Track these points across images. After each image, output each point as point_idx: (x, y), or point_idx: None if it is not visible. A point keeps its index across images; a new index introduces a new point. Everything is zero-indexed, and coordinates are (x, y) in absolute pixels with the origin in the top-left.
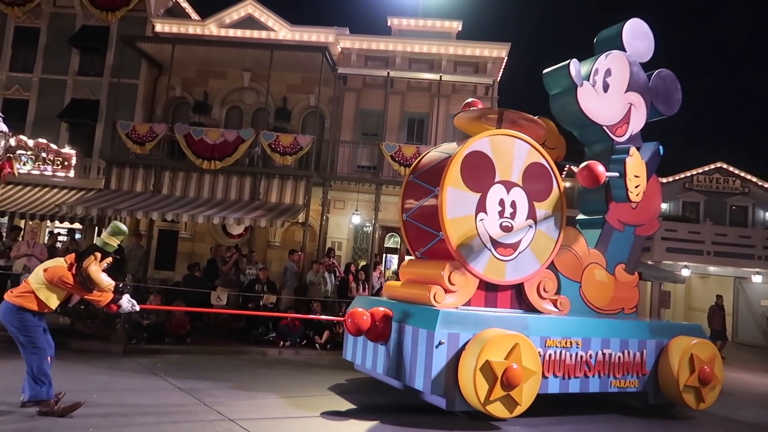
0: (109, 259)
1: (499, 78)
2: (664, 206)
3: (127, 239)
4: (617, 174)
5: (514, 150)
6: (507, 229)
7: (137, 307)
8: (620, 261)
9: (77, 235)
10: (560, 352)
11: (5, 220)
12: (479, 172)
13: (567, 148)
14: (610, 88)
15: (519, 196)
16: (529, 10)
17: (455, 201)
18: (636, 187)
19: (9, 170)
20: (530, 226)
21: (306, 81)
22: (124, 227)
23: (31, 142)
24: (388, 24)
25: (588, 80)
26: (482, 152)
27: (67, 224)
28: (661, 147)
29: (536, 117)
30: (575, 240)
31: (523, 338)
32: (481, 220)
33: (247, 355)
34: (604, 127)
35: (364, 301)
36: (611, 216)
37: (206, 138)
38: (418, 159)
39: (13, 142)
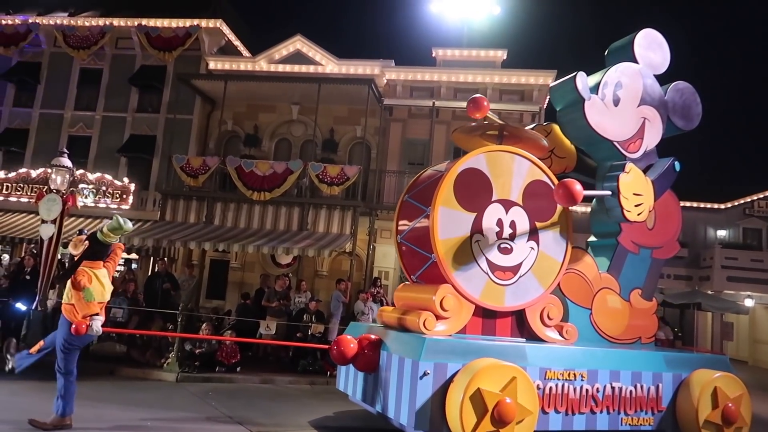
0: (85, 242)
1: (545, 105)
2: (723, 233)
3: (180, 269)
4: (609, 192)
5: (513, 167)
6: (506, 251)
7: (100, 332)
8: (636, 286)
9: (134, 265)
10: (563, 385)
11: (67, 250)
12: (474, 191)
13: (580, 160)
14: (621, 102)
15: (519, 215)
16: (574, 36)
17: (448, 221)
18: (637, 206)
19: (72, 203)
20: (532, 248)
21: (352, 113)
22: (125, 223)
23: (92, 176)
24: (433, 55)
25: (597, 94)
26: (478, 169)
27: (124, 254)
28: (676, 163)
29: (545, 123)
30: (584, 263)
31: (522, 373)
32: (477, 241)
33: (296, 384)
34: (615, 143)
35: (360, 328)
36: (625, 238)
37: (256, 170)
38: (415, 178)
39: (76, 176)
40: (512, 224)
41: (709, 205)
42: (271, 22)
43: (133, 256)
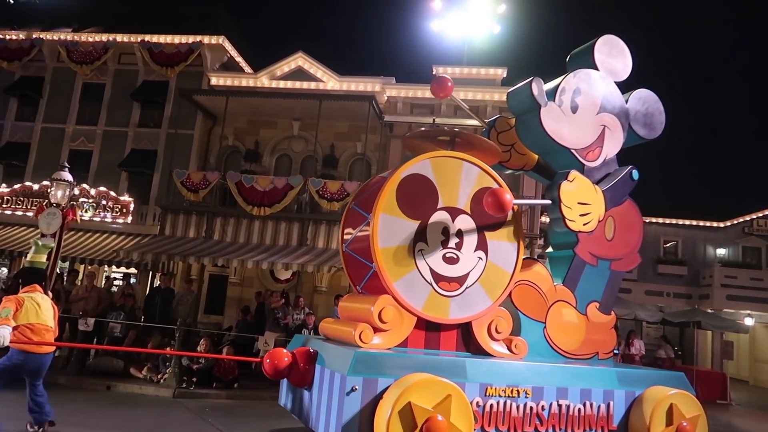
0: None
1: None
2: (722, 252)
3: (179, 285)
4: (548, 201)
5: (461, 173)
6: (452, 261)
7: (5, 341)
8: (593, 299)
9: (132, 280)
10: (505, 403)
11: (66, 264)
12: (418, 198)
13: (540, 161)
14: (579, 109)
15: (466, 224)
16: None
17: (389, 229)
18: (583, 215)
19: (72, 217)
20: (480, 258)
21: (353, 129)
22: (43, 244)
23: (92, 191)
24: (434, 72)
25: (554, 100)
26: (422, 175)
27: (123, 269)
28: (634, 171)
29: (510, 117)
30: (537, 274)
31: (458, 390)
32: (421, 250)
33: None
34: (572, 151)
35: (302, 341)
36: (582, 249)
37: (257, 185)
38: (364, 184)
39: (76, 190)
40: (459, 233)
41: (708, 224)
42: (273, 38)
43: (132, 270)
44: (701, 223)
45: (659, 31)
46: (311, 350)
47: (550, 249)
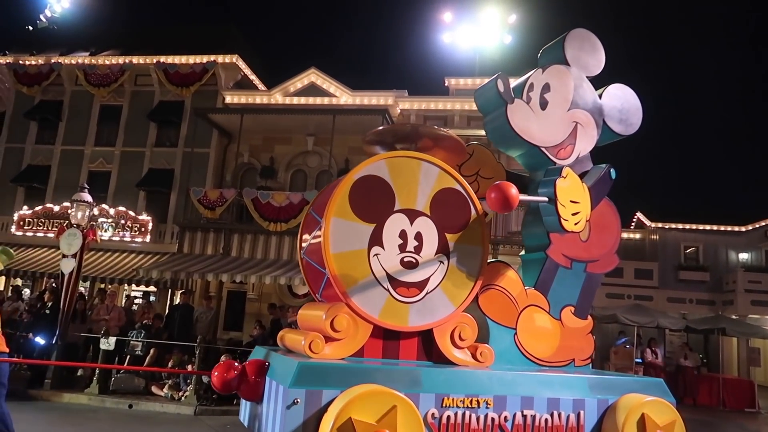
0: None
1: None
2: (745, 256)
3: (198, 302)
4: (546, 199)
5: (419, 174)
6: (410, 266)
7: None
8: (568, 303)
9: (152, 298)
10: (463, 414)
11: (87, 284)
12: (373, 200)
13: (510, 177)
14: (549, 105)
15: (426, 226)
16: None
17: (342, 233)
18: (574, 214)
19: (92, 237)
20: (441, 262)
21: None
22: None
23: (111, 211)
24: (446, 84)
25: (522, 97)
26: (378, 177)
27: (143, 287)
28: (612, 170)
29: (467, 144)
30: (506, 278)
31: (405, 401)
32: (376, 254)
33: None
34: (543, 149)
35: (262, 352)
36: (554, 250)
37: (272, 201)
38: (322, 189)
39: (96, 211)
40: (418, 236)
41: (729, 228)
42: (285, 55)
43: (152, 288)
44: (722, 228)
45: (677, 30)
46: (263, 362)
47: (522, 252)
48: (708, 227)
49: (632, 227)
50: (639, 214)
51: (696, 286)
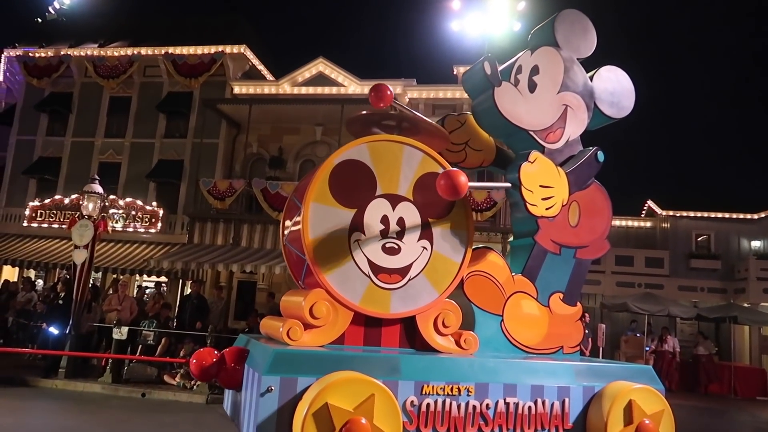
0: None
1: None
2: (757, 244)
3: (208, 292)
4: (508, 185)
5: (401, 158)
6: (392, 252)
7: None
8: (557, 290)
9: (163, 288)
10: (444, 401)
11: (99, 275)
12: (354, 185)
13: (499, 153)
14: (537, 88)
15: (408, 212)
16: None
17: (321, 218)
18: (545, 199)
19: (104, 228)
20: (424, 248)
21: None
22: None
23: (122, 202)
24: (454, 72)
25: (510, 80)
26: (359, 161)
27: (154, 278)
28: (600, 153)
29: (458, 113)
30: (493, 264)
31: (384, 390)
32: (357, 240)
33: None
34: (531, 133)
35: (245, 341)
36: (543, 236)
37: (282, 191)
38: (306, 174)
39: (107, 202)
40: (400, 221)
41: (741, 216)
42: (293, 45)
43: (163, 279)
44: (734, 216)
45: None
46: (242, 349)
47: (511, 238)
48: (719, 215)
49: (643, 215)
50: (650, 202)
51: (707, 275)
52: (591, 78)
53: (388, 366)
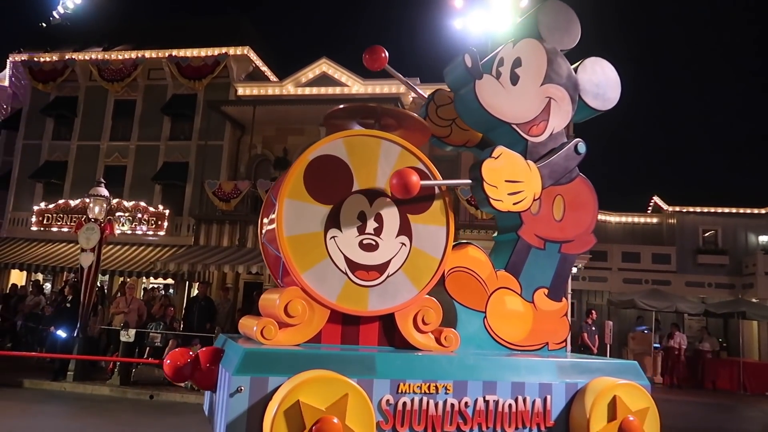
0: None
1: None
2: (765, 239)
3: (215, 293)
4: (469, 181)
5: (379, 153)
6: (370, 248)
7: None
8: (541, 285)
9: (170, 290)
10: (421, 400)
11: (106, 277)
12: (330, 181)
13: (485, 138)
14: (520, 80)
15: (387, 207)
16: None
17: (296, 215)
18: (513, 194)
19: (110, 231)
20: (403, 244)
21: None
22: None
23: (128, 204)
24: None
25: (492, 73)
26: (335, 156)
27: (160, 280)
28: (581, 144)
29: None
30: (475, 260)
31: (357, 390)
32: (333, 237)
33: None
34: (514, 126)
35: (223, 341)
36: (526, 231)
37: None
38: (285, 172)
39: (113, 205)
40: (378, 217)
41: (748, 210)
42: (296, 45)
43: (170, 281)
44: (741, 210)
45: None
46: (217, 349)
47: (495, 233)
48: (726, 210)
49: (649, 211)
50: (656, 198)
51: (715, 270)
52: (575, 70)
53: (362, 364)
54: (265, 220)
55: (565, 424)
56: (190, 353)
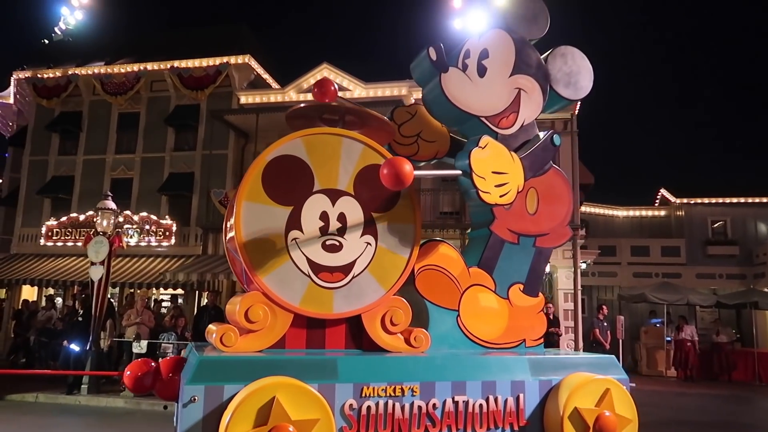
0: None
1: (576, 111)
2: None
3: (225, 302)
4: (458, 172)
5: (340, 151)
6: (333, 249)
7: None
8: (516, 281)
9: (180, 300)
10: (386, 403)
11: (116, 290)
12: (290, 181)
13: (454, 143)
14: (487, 72)
15: (350, 206)
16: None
17: (254, 218)
18: (499, 186)
19: (119, 244)
20: (368, 243)
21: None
22: None
23: (136, 217)
24: None
25: (457, 65)
26: (294, 156)
27: (170, 290)
28: (556, 136)
29: (409, 105)
30: (446, 257)
31: (323, 407)
32: (294, 239)
33: None
34: (482, 119)
35: (188, 350)
36: (499, 226)
37: None
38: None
39: (120, 218)
40: (341, 217)
41: (757, 200)
42: (297, 50)
43: (179, 291)
44: (750, 200)
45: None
46: (179, 358)
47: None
48: (735, 200)
49: (656, 204)
50: (663, 191)
51: (725, 261)
52: (545, 59)
53: (322, 369)
54: (228, 226)
55: (540, 422)
56: (152, 364)
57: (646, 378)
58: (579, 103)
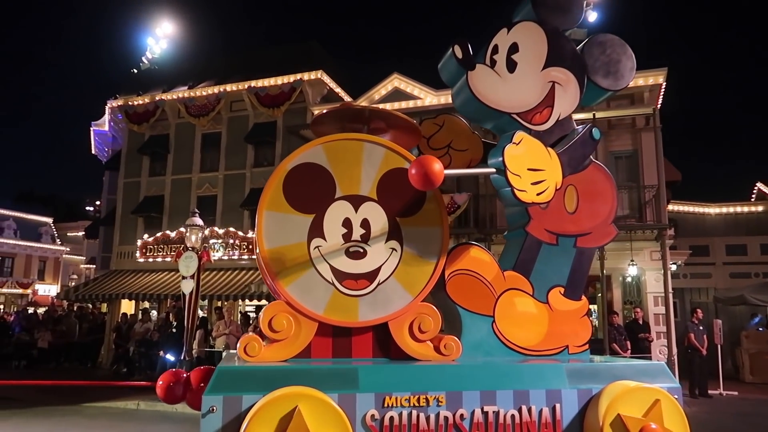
0: None
1: (659, 106)
2: None
3: None
4: (492, 170)
5: (362, 157)
6: (357, 256)
7: None
8: (556, 284)
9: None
10: (410, 414)
11: (206, 302)
12: (311, 189)
13: (488, 147)
14: (518, 67)
15: (373, 212)
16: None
17: (277, 227)
18: (536, 183)
19: (207, 258)
20: (393, 249)
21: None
22: None
23: (221, 231)
24: None
25: (485, 61)
26: (315, 164)
27: (255, 302)
28: (595, 129)
29: (435, 116)
30: (478, 261)
31: (342, 421)
32: (318, 247)
33: None
34: (513, 116)
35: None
36: (535, 226)
37: None
38: None
39: (207, 233)
40: (365, 223)
41: None
42: (368, 63)
43: (263, 302)
44: None
45: None
46: (209, 369)
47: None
48: None
49: (753, 199)
50: (759, 185)
51: None
52: (582, 50)
53: (343, 378)
54: (254, 235)
55: None
56: (183, 374)
57: (750, 386)
58: (660, 96)
